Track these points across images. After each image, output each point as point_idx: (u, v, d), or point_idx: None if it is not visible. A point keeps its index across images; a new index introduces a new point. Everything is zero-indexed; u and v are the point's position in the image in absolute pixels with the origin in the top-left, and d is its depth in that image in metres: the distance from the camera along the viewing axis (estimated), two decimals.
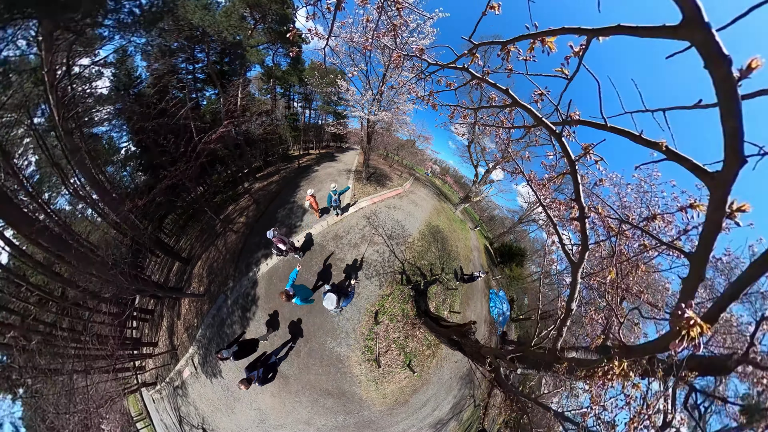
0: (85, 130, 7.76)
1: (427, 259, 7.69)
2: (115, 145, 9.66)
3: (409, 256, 7.31)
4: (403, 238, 7.94)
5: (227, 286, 6.75)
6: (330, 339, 5.69)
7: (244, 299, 6.34)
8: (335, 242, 7.01)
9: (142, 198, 7.07)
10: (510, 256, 12.63)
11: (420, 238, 8.45)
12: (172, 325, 7.08)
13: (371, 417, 5.49)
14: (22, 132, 6.67)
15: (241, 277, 6.75)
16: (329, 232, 7.36)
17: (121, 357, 5.63)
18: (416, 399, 5.85)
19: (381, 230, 7.70)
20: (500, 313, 9.64)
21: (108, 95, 9.12)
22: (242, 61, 11.17)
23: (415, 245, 7.92)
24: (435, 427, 5.81)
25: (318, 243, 6.99)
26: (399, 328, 6.03)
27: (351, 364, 5.60)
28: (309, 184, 10.34)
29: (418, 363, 6.07)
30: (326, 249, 6.79)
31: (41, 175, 7.67)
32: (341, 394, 5.49)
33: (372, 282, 6.35)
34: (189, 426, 5.81)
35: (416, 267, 7.16)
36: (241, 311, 6.20)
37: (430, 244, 8.54)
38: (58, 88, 6.04)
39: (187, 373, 6.23)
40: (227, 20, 9.63)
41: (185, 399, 6.07)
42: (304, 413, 5.34)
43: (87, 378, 5.31)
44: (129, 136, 9.20)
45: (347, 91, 8.18)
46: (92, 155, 7.08)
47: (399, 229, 8.31)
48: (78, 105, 7.17)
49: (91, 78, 8.26)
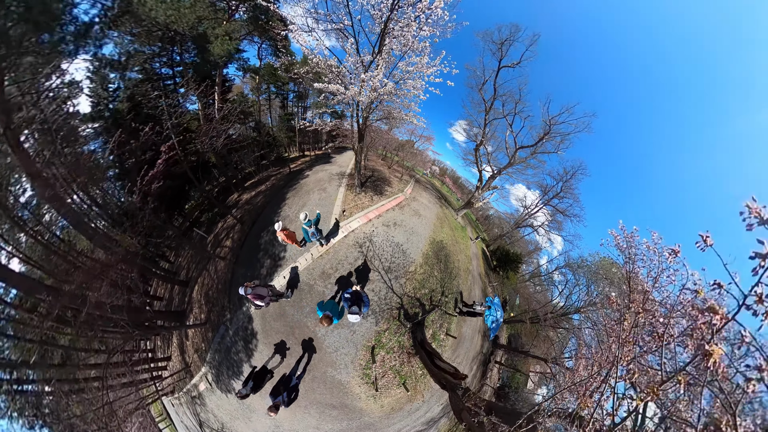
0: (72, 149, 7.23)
1: (428, 287, 8.05)
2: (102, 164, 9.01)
3: (410, 288, 7.63)
4: (404, 267, 8.02)
5: (225, 317, 7.19)
6: (331, 369, 6.45)
7: (244, 332, 6.89)
8: (323, 281, 7.04)
9: (137, 219, 6.96)
10: (506, 262, 13.25)
11: (423, 264, 8.56)
12: (182, 343, 7.78)
13: (371, 421, 6.64)
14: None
15: (236, 311, 7.14)
16: (315, 268, 7.26)
17: (139, 370, 6.29)
18: (410, 406, 6.97)
19: (377, 262, 7.60)
20: (494, 320, 10.62)
21: (87, 113, 8.28)
22: (205, 56, 9.55)
23: (416, 274, 8.11)
24: (428, 424, 7.05)
25: (304, 282, 7.04)
26: (395, 357, 6.79)
27: (351, 386, 6.49)
28: (294, 197, 9.86)
29: (412, 382, 7.03)
30: (315, 289, 6.93)
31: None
32: (344, 406, 6.51)
33: (368, 320, 6.82)
34: (209, 429, 6.93)
35: (416, 298, 7.55)
36: (243, 342, 6.80)
37: (432, 268, 8.72)
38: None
39: (203, 387, 7.14)
40: (192, 11, 8.02)
41: (203, 408, 7.09)
42: (313, 421, 6.41)
43: (109, 393, 5.93)
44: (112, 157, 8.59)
45: (328, 67, 6.34)
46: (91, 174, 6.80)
47: (399, 256, 8.26)
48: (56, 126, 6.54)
49: (63, 97, 7.40)
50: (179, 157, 7.09)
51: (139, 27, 8.17)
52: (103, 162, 8.38)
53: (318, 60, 6.41)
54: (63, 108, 7.50)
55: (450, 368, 5.61)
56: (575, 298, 12.05)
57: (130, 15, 7.91)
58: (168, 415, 7.80)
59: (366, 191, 10.40)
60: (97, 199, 7.67)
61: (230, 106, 9.85)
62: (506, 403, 9.82)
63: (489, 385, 9.99)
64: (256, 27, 10.68)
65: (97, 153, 8.57)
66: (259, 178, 11.97)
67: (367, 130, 9.03)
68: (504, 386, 10.78)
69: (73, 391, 5.56)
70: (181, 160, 7.17)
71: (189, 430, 7.25)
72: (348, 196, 9.74)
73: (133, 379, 6.00)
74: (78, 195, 7.16)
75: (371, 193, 10.38)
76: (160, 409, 8.00)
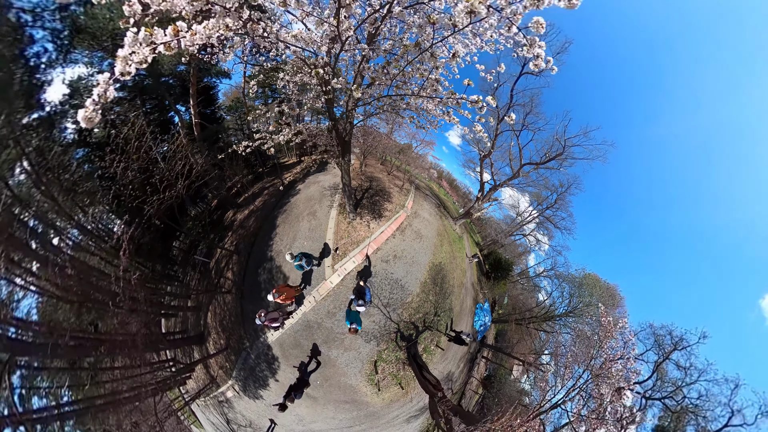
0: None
1: (422, 312, 9.95)
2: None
3: (406, 316, 9.53)
4: (402, 300, 9.67)
5: (245, 344, 8.98)
6: (343, 378, 8.70)
7: (265, 356, 8.85)
8: (330, 319, 8.80)
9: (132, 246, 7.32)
10: (498, 268, 14.78)
11: (420, 293, 10.01)
12: (204, 358, 9.22)
13: (375, 410, 9.12)
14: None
15: (254, 340, 8.96)
16: (320, 309, 8.77)
17: (166, 381, 7.64)
18: (405, 399, 9.34)
19: (376, 300, 9.17)
20: (482, 324, 12.63)
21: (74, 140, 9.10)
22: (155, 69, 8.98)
23: (413, 303, 9.82)
24: (419, 411, 9.47)
25: (313, 321, 8.72)
26: (393, 366, 8.91)
27: (359, 387, 8.82)
28: (284, 224, 10.24)
29: (406, 382, 9.29)
30: (323, 326, 8.70)
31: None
32: (354, 401, 8.91)
33: (370, 344, 8.81)
34: (237, 425, 8.98)
35: (411, 322, 9.34)
36: (266, 364, 8.82)
37: (428, 294, 10.29)
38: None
39: (231, 394, 9.24)
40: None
41: (231, 409, 9.09)
42: (330, 413, 8.84)
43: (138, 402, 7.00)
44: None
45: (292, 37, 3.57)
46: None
47: (398, 291, 9.69)
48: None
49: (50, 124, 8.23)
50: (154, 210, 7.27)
51: (98, 43, 8.11)
52: (95, 188, 8.64)
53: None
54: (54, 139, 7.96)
55: (433, 380, 7.64)
56: (558, 304, 13.78)
57: (85, 33, 7.91)
58: (193, 413, 9.36)
59: (361, 215, 9.97)
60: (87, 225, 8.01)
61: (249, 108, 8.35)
62: (491, 391, 12.23)
63: (476, 377, 12.36)
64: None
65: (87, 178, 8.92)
66: (253, 191, 12.32)
67: (355, 136, 8.30)
68: (490, 377, 13.23)
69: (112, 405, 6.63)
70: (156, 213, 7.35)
71: (216, 427, 8.96)
72: (341, 224, 9.54)
73: (163, 393, 7.19)
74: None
75: (368, 217, 10.26)
76: (187, 410, 9.43)
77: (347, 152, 6.98)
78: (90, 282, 6.80)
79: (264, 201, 11.80)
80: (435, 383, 7.66)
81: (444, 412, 6.32)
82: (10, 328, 5.78)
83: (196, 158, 9.33)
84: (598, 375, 7.43)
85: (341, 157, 6.79)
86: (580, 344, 9.79)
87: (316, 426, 8.67)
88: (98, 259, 7.85)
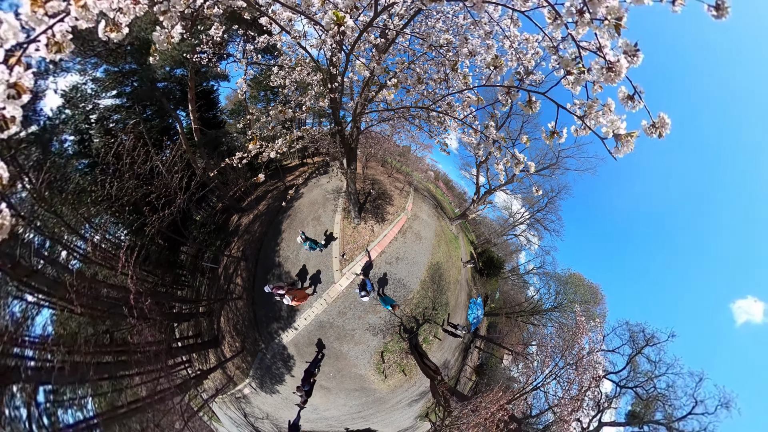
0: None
1: (422, 307, 11.72)
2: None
3: (408, 310, 10.89)
4: (404, 297, 11.38)
5: (260, 346, 10.24)
6: (354, 368, 10.23)
7: (281, 355, 10.28)
8: (341, 318, 10.30)
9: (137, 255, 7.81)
10: (491, 266, 16.35)
11: (420, 290, 11.61)
12: (220, 360, 10.45)
13: (381, 396, 10.69)
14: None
15: (270, 341, 10.28)
16: (332, 310, 10.16)
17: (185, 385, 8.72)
18: (408, 384, 10.86)
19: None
20: (476, 317, 14.22)
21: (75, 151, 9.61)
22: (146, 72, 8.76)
23: (414, 299, 11.51)
24: (420, 395, 11.01)
25: (325, 321, 10.11)
26: (397, 356, 10.34)
27: (367, 376, 10.31)
28: (289, 230, 11.26)
29: (409, 369, 10.80)
30: (335, 325, 10.13)
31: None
32: (363, 388, 10.39)
33: (377, 337, 10.21)
34: (254, 418, 10.22)
35: (412, 316, 10.74)
36: (282, 362, 10.23)
37: (427, 290, 12.01)
38: None
39: (248, 391, 10.51)
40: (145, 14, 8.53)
41: (248, 404, 10.46)
42: (341, 400, 10.30)
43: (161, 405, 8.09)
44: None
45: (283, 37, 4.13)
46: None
47: (400, 289, 11.36)
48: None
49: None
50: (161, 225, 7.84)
51: (89, 49, 8.09)
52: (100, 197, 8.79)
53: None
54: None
55: (433, 365, 9.11)
56: (545, 300, 15.55)
57: (75, 36, 8.17)
58: (211, 409, 10.41)
59: (366, 218, 10.96)
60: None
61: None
62: (483, 377, 13.94)
63: (469, 365, 14.03)
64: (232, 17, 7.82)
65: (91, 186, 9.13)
66: (257, 195, 12.96)
67: (361, 142, 7.85)
68: (482, 365, 14.96)
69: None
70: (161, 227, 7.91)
71: (234, 421, 10.33)
72: (346, 228, 10.54)
73: (183, 395, 8.18)
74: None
75: (371, 221, 11.43)
76: (206, 407, 10.55)
77: (353, 160, 6.82)
78: (100, 294, 7.31)
79: (268, 205, 12.60)
80: (435, 368, 9.13)
81: (443, 392, 7.81)
82: (27, 351, 5.95)
83: (196, 165, 9.79)
84: (570, 364, 9.07)
85: (347, 167, 6.65)
86: (559, 337, 11.48)
87: (329, 413, 10.07)
88: (107, 270, 8.33)
